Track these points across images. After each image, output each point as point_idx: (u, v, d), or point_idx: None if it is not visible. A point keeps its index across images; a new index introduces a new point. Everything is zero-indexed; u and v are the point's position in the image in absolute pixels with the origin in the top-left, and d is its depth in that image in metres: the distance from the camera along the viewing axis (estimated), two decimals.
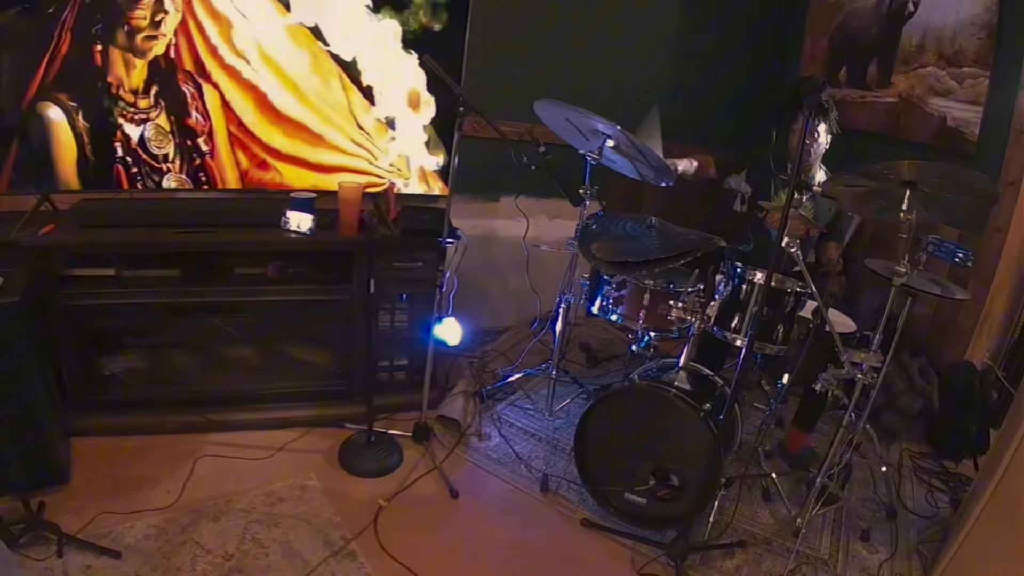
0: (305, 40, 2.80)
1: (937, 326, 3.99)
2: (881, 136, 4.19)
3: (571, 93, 3.44)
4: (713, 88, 4.42)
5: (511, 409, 3.33)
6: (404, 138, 3.11)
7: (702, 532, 2.62)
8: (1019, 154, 3.60)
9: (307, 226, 2.79)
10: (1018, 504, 2.22)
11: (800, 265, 2.40)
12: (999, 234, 3.70)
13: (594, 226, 2.89)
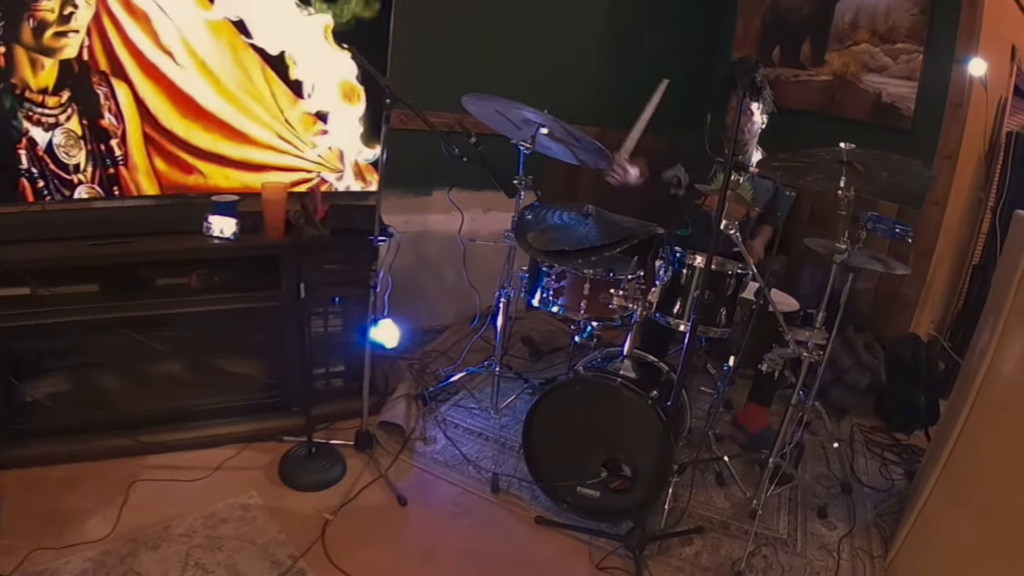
0: (229, 35, 2.79)
1: (880, 301, 4.19)
2: (817, 114, 4.37)
3: (502, 81, 3.52)
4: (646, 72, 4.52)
5: (455, 410, 3.38)
6: (338, 132, 3.14)
7: (658, 521, 2.70)
8: (955, 127, 3.81)
9: (230, 231, 2.76)
10: (972, 471, 2.38)
11: (740, 246, 2.51)
12: (937, 207, 3.91)
13: (530, 216, 2.96)
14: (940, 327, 4.40)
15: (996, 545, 2.19)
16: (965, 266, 4.36)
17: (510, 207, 3.16)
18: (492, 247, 3.43)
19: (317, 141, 3.12)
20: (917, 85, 3.90)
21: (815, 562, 2.71)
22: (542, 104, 2.92)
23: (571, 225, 2.86)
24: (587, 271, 2.92)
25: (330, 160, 3.18)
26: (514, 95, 2.90)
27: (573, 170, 3.46)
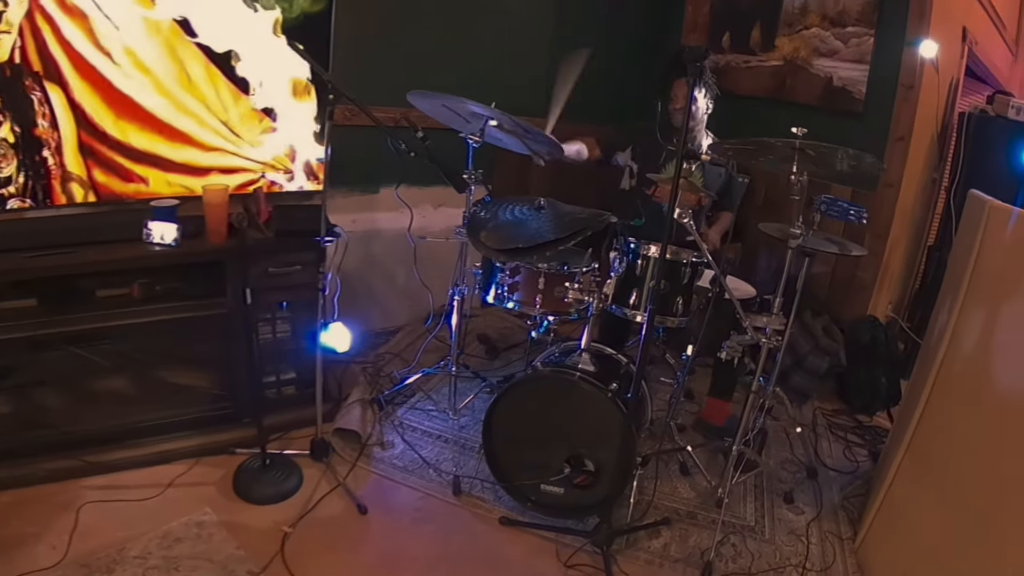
0: (171, 34, 2.77)
1: (837, 284, 4.33)
2: (768, 100, 4.50)
3: (448, 73, 3.56)
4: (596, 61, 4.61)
5: (412, 412, 3.41)
6: (289, 131, 3.15)
7: (624, 515, 2.79)
8: (907, 110, 3.95)
9: (171, 237, 2.74)
10: (936, 450, 2.50)
11: (694, 235, 2.59)
12: (892, 189, 4.06)
13: (482, 213, 2.99)
14: (898, 308, 4.56)
15: (962, 522, 2.30)
16: (921, 247, 4.54)
17: (461, 202, 3.21)
18: (444, 244, 3.46)
19: (266, 140, 3.12)
20: (868, 68, 4.05)
21: (784, 548, 2.81)
22: (490, 96, 2.96)
23: (524, 220, 2.90)
24: (542, 265, 2.97)
25: (281, 160, 3.18)
26: (461, 87, 2.94)
27: (524, 161, 3.50)
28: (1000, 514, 2.16)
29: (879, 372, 4.01)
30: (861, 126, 4.09)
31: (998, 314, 2.30)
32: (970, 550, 2.25)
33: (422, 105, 3.06)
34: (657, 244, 2.78)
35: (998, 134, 4.10)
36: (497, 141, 3.20)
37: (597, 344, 2.95)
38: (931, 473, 2.52)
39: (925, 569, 2.44)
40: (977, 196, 2.58)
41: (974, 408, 2.35)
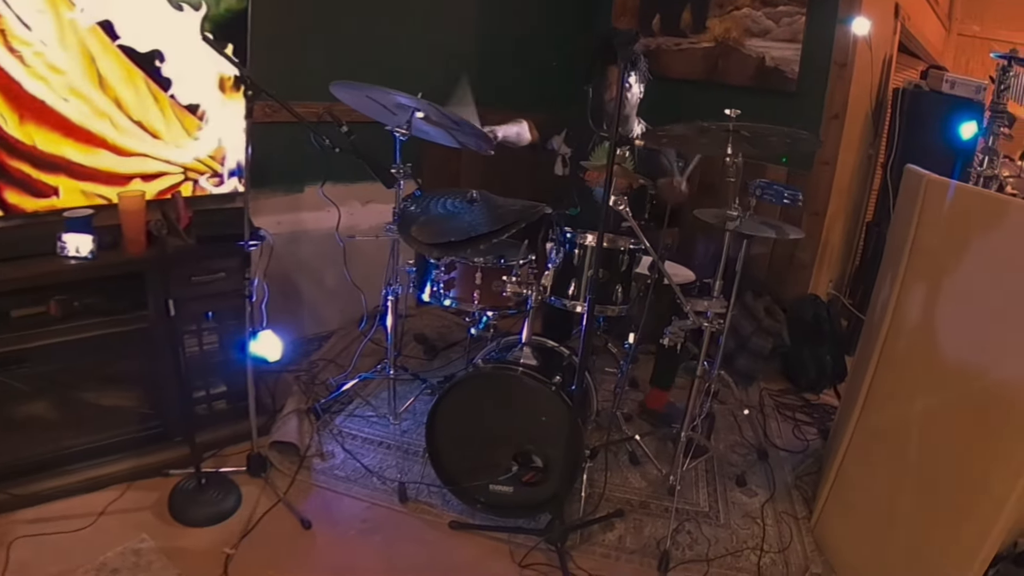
0: (92, 34, 2.74)
1: (777, 264, 4.50)
2: (700, 82, 4.66)
3: (373, 65, 3.59)
4: (523, 48, 4.68)
5: (351, 420, 3.43)
6: (218, 132, 3.15)
7: (576, 509, 2.88)
8: (841, 87, 4.13)
9: (87, 249, 2.69)
10: (885, 423, 2.65)
11: (630, 221, 2.68)
12: (827, 167, 4.24)
13: (413, 207, 3.02)
14: (839, 285, 4.77)
15: (912, 493, 2.46)
16: (859, 223, 4.75)
17: (390, 198, 3.24)
18: (374, 242, 3.47)
19: (193, 142, 3.11)
20: (801, 47, 4.22)
21: (740, 531, 2.94)
22: (416, 87, 2.99)
23: (456, 213, 2.94)
24: (477, 260, 3.02)
25: (208, 163, 3.18)
26: (386, 78, 2.97)
27: (454, 153, 3.55)
28: (946, 482, 2.31)
29: (823, 350, 4.20)
30: (795, 105, 4.26)
31: (939, 287, 2.44)
32: (920, 520, 2.40)
33: (346, 98, 3.08)
34: (594, 233, 2.86)
35: (933, 108, 4.32)
36: (424, 134, 3.25)
37: (538, 337, 3.02)
38: (881, 447, 2.67)
39: (879, 541, 2.59)
40: (914, 171, 2.73)
41: (920, 380, 2.50)
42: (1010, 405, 2.10)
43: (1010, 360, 2.14)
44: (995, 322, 2.21)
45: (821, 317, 4.27)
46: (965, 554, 2.17)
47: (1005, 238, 2.20)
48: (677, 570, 2.70)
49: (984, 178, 3.60)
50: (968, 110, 4.18)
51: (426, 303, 3.26)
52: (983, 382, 2.21)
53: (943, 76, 4.33)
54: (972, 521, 2.17)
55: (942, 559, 2.28)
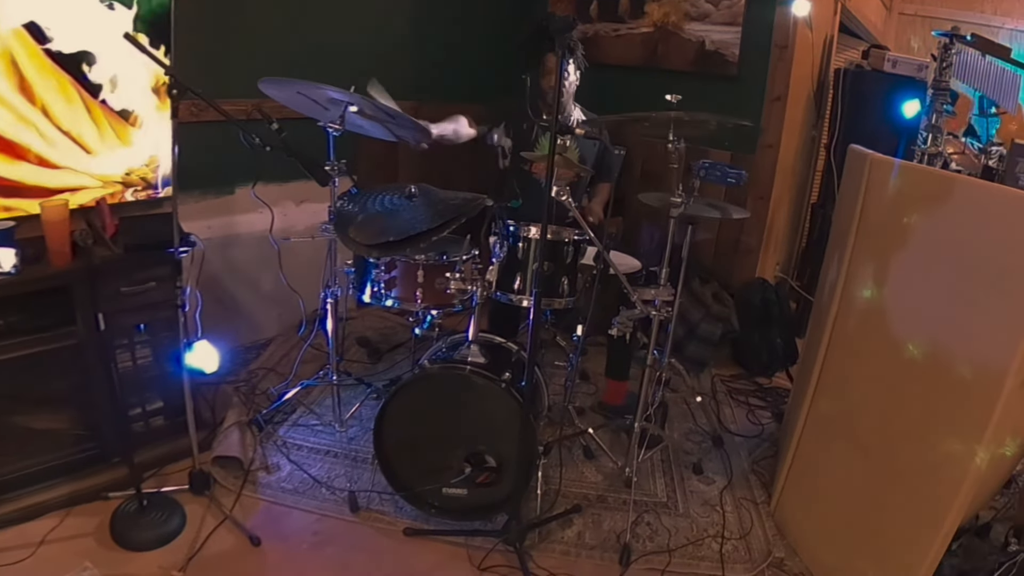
0: (19, 40, 2.67)
1: (723, 249, 4.60)
2: (640, 68, 4.73)
3: (304, 60, 3.57)
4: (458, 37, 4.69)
5: (296, 430, 3.42)
6: (156, 137, 3.12)
7: (533, 508, 2.91)
8: (782, 69, 4.23)
9: (9, 263, 2.62)
10: (838, 403, 2.74)
11: (574, 212, 2.72)
12: (771, 150, 4.33)
13: (349, 206, 3.01)
14: (786, 268, 4.88)
15: (873, 472, 2.54)
16: (804, 205, 4.86)
17: (325, 196, 3.20)
18: (310, 243, 3.46)
19: (127, 151, 3.07)
20: (741, 30, 4.31)
21: (700, 520, 3.01)
22: (350, 80, 2.99)
23: (395, 210, 2.94)
24: (419, 257, 3.03)
25: (142, 173, 3.14)
26: (318, 72, 2.97)
27: (390, 147, 3.55)
28: (904, 459, 2.40)
29: (774, 333, 4.30)
30: (737, 89, 4.35)
31: (887, 265, 2.53)
32: (880, 498, 2.48)
33: (276, 94, 3.06)
34: (537, 225, 2.88)
35: (875, 88, 4.43)
36: (359, 128, 3.24)
37: (485, 334, 3.04)
38: (835, 426, 2.75)
39: (841, 521, 2.68)
40: (857, 150, 2.81)
41: (872, 359, 2.58)
42: (962, 379, 2.18)
43: (961, 334, 2.22)
44: (944, 298, 2.30)
45: (770, 301, 4.37)
46: (928, 529, 2.25)
47: (952, 214, 2.28)
48: (639, 563, 2.75)
49: (928, 156, 3.71)
50: (911, 89, 4.30)
51: (367, 304, 3.26)
52: (935, 357, 2.29)
53: (885, 55, 4.45)
54: (933, 496, 2.25)
55: (905, 536, 2.36)
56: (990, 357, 2.10)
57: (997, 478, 2.66)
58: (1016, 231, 2.06)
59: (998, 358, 2.07)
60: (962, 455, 2.15)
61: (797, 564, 2.83)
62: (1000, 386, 2.05)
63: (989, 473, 2.42)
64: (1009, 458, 2.60)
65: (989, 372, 2.09)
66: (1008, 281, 2.06)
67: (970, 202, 2.24)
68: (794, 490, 3.00)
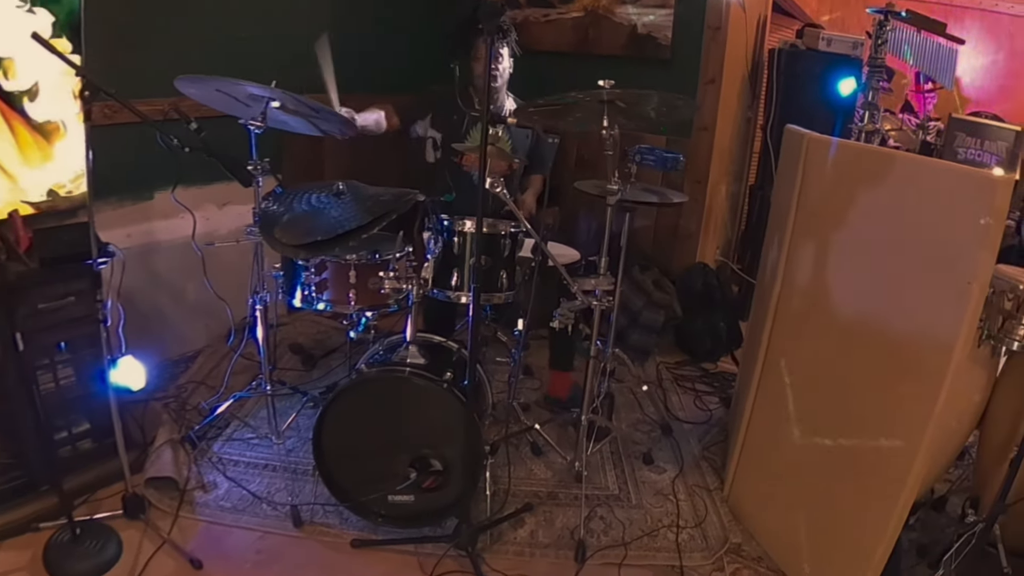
0: None
1: (662, 235, 4.69)
2: (571, 54, 4.80)
3: (221, 55, 3.57)
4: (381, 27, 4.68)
5: (231, 445, 3.39)
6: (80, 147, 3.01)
7: (483, 510, 2.94)
8: (716, 51, 4.32)
9: None
10: (785, 383, 2.81)
11: (509, 204, 2.75)
12: (707, 133, 4.43)
13: (274, 206, 2.99)
14: (726, 252, 4.98)
15: (825, 451, 2.62)
16: (742, 188, 4.96)
17: (249, 198, 3.18)
18: (235, 248, 3.41)
19: (51, 166, 3.02)
20: (672, 13, 4.39)
21: (654, 510, 3.08)
22: (270, 75, 2.98)
23: (322, 209, 2.93)
24: (349, 257, 3.03)
25: (67, 189, 3.08)
26: (237, 67, 2.94)
27: (315, 143, 3.54)
28: (855, 437, 2.49)
29: (717, 317, 4.39)
30: (670, 72, 4.44)
31: (828, 244, 2.61)
32: (834, 477, 2.57)
33: (193, 92, 3.03)
34: (472, 219, 2.90)
35: (810, 67, 4.55)
36: (282, 124, 3.22)
37: (424, 334, 3.05)
38: (785, 408, 2.82)
39: (796, 503, 2.76)
40: (794, 130, 2.89)
41: (817, 338, 2.67)
42: (910, 354, 2.27)
43: (904, 309, 2.31)
44: (887, 273, 2.39)
45: (711, 285, 4.46)
46: (884, 505, 2.33)
47: (891, 191, 2.36)
48: (595, 558, 2.80)
49: (866, 133, 3.82)
50: (846, 66, 4.42)
51: (298, 309, 3.25)
52: (881, 333, 2.38)
53: (819, 34, 4.56)
54: (887, 473, 2.34)
55: (862, 513, 2.44)
56: (937, 330, 2.18)
57: (950, 451, 2.77)
58: (956, 204, 2.14)
59: (945, 330, 2.15)
60: (914, 429, 2.23)
61: (755, 548, 2.91)
62: (948, 358, 2.13)
63: (942, 446, 2.52)
64: (961, 430, 2.71)
65: (937, 345, 2.17)
66: (951, 254, 2.15)
67: (909, 178, 2.32)
68: (747, 474, 3.07)
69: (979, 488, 2.83)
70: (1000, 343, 2.57)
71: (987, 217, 2.03)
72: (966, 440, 2.85)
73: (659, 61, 4.48)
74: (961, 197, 2.14)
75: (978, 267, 2.08)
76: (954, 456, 2.89)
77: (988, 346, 2.61)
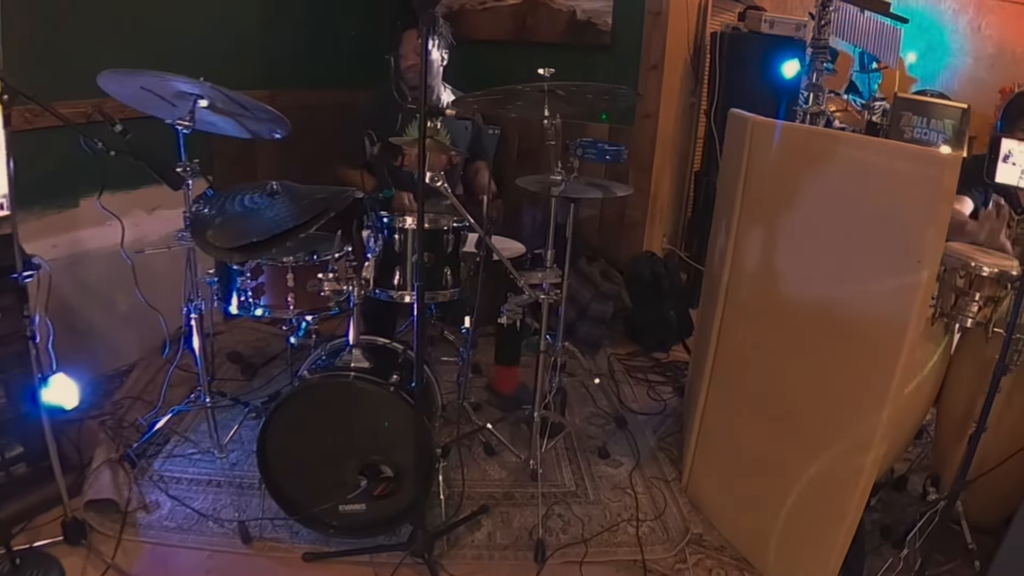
0: None
1: (608, 225, 4.72)
2: (510, 42, 4.81)
3: (147, 50, 3.55)
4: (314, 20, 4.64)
5: (172, 461, 3.32)
6: None
7: (438, 514, 2.93)
8: (657, 36, 4.35)
9: None
10: (739, 369, 2.86)
11: (451, 198, 2.74)
12: (650, 120, 4.46)
13: (206, 209, 2.94)
14: (674, 239, 5.04)
15: (779, 434, 2.66)
16: (687, 174, 5.01)
17: (179, 201, 3.12)
18: (167, 254, 3.36)
19: None
20: None
21: (612, 505, 3.10)
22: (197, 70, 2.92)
23: (256, 210, 2.88)
24: (286, 259, 3.00)
25: None
26: (163, 65, 2.88)
27: (246, 142, 3.49)
28: (812, 420, 2.52)
29: (666, 306, 4.44)
30: (611, 59, 4.45)
31: (776, 227, 2.64)
32: (793, 461, 2.59)
33: (118, 92, 2.96)
34: (413, 214, 2.87)
35: (753, 50, 4.62)
36: (210, 126, 3.17)
37: (367, 336, 3.01)
38: (739, 394, 2.87)
39: (755, 490, 2.80)
40: (738, 115, 2.92)
41: (769, 323, 2.70)
42: (864, 334, 2.30)
43: (856, 290, 2.35)
44: (837, 255, 2.42)
45: (659, 274, 4.50)
46: (844, 487, 2.37)
47: (838, 172, 2.40)
48: (555, 557, 2.81)
49: (811, 115, 3.87)
50: (789, 48, 4.48)
51: (235, 316, 3.22)
52: (833, 315, 2.42)
53: (761, 16, 4.62)
54: (846, 454, 2.37)
55: (822, 496, 2.48)
56: (889, 310, 2.22)
57: (908, 429, 2.84)
58: (904, 184, 2.18)
59: (897, 309, 2.19)
60: (870, 409, 2.27)
61: (716, 538, 2.94)
62: (902, 338, 2.17)
63: (900, 425, 2.57)
64: (918, 408, 2.76)
65: (890, 325, 2.21)
66: (900, 233, 2.19)
67: (855, 159, 2.36)
68: (704, 463, 3.10)
69: (939, 466, 2.89)
70: (953, 320, 2.64)
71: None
72: (924, 418, 2.92)
73: (600, 48, 4.50)
74: (908, 176, 2.18)
75: (928, 246, 2.12)
76: (912, 435, 2.96)
77: (942, 324, 2.67)
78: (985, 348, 2.61)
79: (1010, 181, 2.38)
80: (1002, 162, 2.38)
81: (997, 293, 2.57)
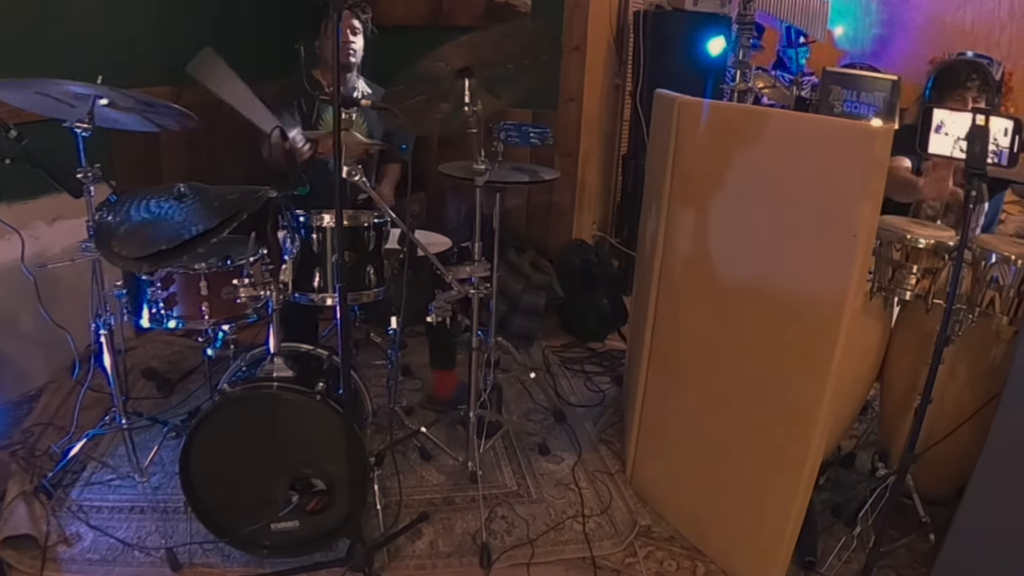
0: None
1: (535, 214, 4.71)
2: (425, 28, 4.76)
3: (41, 51, 3.44)
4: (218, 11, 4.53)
5: (91, 489, 3.20)
6: None
7: (376, 526, 2.87)
8: (579, 16, 4.34)
9: None
10: (676, 354, 2.86)
11: (369, 192, 2.68)
12: (574, 103, 4.45)
13: (109, 217, 2.85)
14: (603, 226, 5.04)
15: (722, 419, 2.67)
16: (614, 159, 5.01)
17: (81, 209, 3.01)
18: (71, 267, 3.26)
19: None
20: None
21: (556, 502, 3.08)
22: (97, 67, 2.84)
23: (163, 215, 2.78)
24: (198, 266, 2.90)
25: None
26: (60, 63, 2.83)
27: (149, 142, 3.39)
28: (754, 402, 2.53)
29: (599, 295, 4.43)
30: None
31: (707, 208, 2.64)
32: (738, 445, 2.61)
33: (11, 97, 2.86)
34: (331, 212, 2.83)
35: (677, 28, 4.63)
36: (114, 123, 3.06)
37: (289, 343, 2.95)
38: (678, 380, 2.87)
39: (701, 477, 2.81)
40: (664, 95, 2.92)
41: (705, 306, 2.70)
42: (802, 312, 2.31)
43: (791, 267, 2.36)
44: (771, 233, 2.43)
45: (590, 262, 4.49)
46: (791, 468, 2.38)
47: (768, 150, 2.40)
48: (501, 561, 2.78)
49: (738, 93, 3.89)
50: (714, 26, 4.50)
51: (147, 330, 3.13)
52: (770, 294, 2.42)
53: None
54: (790, 434, 2.38)
55: (769, 478, 2.49)
56: (826, 286, 2.23)
57: (852, 406, 2.87)
58: (836, 158, 2.19)
59: (834, 285, 2.20)
60: (813, 388, 2.28)
61: (665, 528, 2.94)
62: (840, 313, 2.19)
63: (843, 402, 2.58)
64: (861, 384, 2.78)
65: (827, 301, 2.22)
66: (834, 208, 2.20)
67: (786, 135, 2.36)
68: (647, 453, 3.09)
69: (886, 440, 2.93)
70: (892, 294, 2.68)
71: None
72: (867, 394, 2.95)
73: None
74: (840, 150, 2.19)
75: (862, 219, 2.13)
76: (857, 411, 3.00)
77: (880, 298, 2.69)
78: (925, 320, 2.65)
79: (943, 151, 2.40)
80: (934, 133, 2.40)
81: (935, 265, 2.61)
